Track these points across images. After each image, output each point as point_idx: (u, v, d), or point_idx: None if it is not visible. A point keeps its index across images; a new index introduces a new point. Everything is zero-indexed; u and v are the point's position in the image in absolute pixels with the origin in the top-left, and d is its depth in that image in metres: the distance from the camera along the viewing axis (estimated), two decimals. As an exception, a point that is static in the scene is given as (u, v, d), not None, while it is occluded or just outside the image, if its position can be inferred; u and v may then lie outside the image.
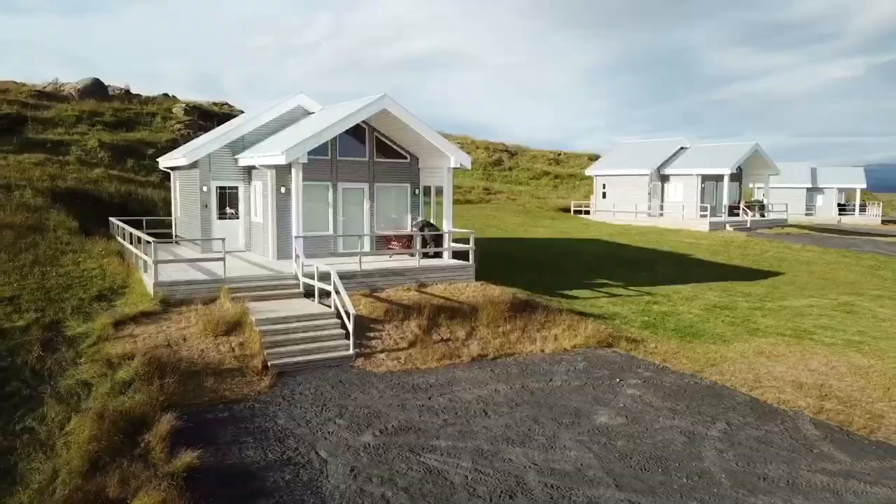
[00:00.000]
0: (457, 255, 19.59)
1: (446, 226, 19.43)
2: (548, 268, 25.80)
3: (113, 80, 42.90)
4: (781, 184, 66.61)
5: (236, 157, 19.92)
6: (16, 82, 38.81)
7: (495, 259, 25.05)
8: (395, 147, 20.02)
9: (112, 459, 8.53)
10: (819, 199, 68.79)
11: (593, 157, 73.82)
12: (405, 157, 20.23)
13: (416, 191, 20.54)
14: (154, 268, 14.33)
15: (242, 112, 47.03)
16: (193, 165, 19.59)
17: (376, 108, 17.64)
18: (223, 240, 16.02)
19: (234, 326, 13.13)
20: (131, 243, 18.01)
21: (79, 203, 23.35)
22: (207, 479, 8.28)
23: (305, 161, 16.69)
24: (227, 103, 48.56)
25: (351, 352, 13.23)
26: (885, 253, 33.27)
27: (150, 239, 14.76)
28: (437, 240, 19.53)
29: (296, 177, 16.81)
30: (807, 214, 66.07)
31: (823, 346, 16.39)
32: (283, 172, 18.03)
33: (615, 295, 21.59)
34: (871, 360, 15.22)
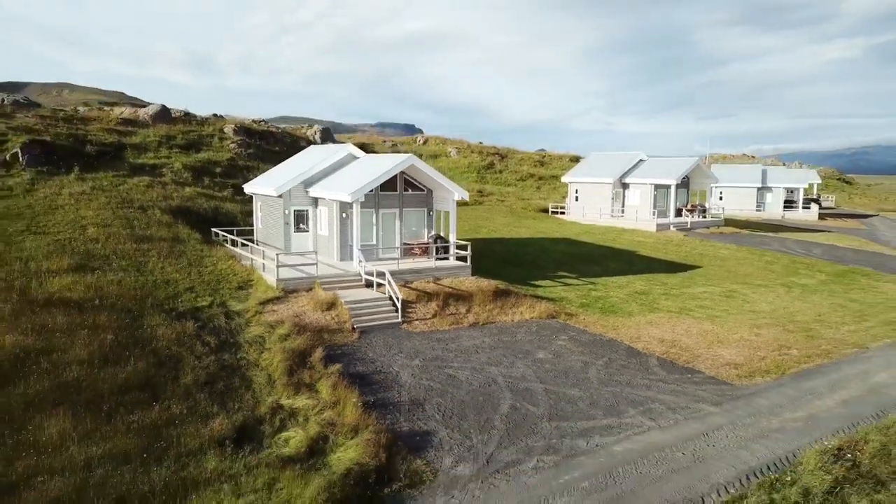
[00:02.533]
0: (459, 257, 28.29)
1: (452, 238, 28.18)
2: (524, 264, 34.59)
3: (175, 105, 51.06)
4: (736, 183, 75.60)
5: (307, 189, 28.48)
6: (102, 109, 47.06)
7: (486, 258, 33.77)
8: (416, 183, 28.61)
9: (297, 369, 17.32)
10: (769, 197, 77.33)
11: (575, 159, 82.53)
12: (423, 190, 28.84)
13: (431, 213, 29.19)
14: (277, 270, 23.10)
15: (278, 129, 55.48)
16: (279, 196, 28.16)
17: (407, 164, 26.36)
18: (315, 252, 24.75)
19: (331, 305, 21.91)
20: (241, 248, 26.68)
21: (187, 217, 31.91)
22: (346, 377, 17.05)
23: (362, 199, 25.35)
24: (263, 120, 56.91)
25: (399, 320, 22.05)
26: (784, 251, 42.27)
27: (275, 254, 23.49)
28: (446, 248, 28.25)
29: (356, 209, 25.49)
30: (757, 210, 74.93)
31: (691, 319, 25.32)
32: (344, 203, 26.67)
33: (568, 284, 30.44)
34: (714, 326, 24.17)
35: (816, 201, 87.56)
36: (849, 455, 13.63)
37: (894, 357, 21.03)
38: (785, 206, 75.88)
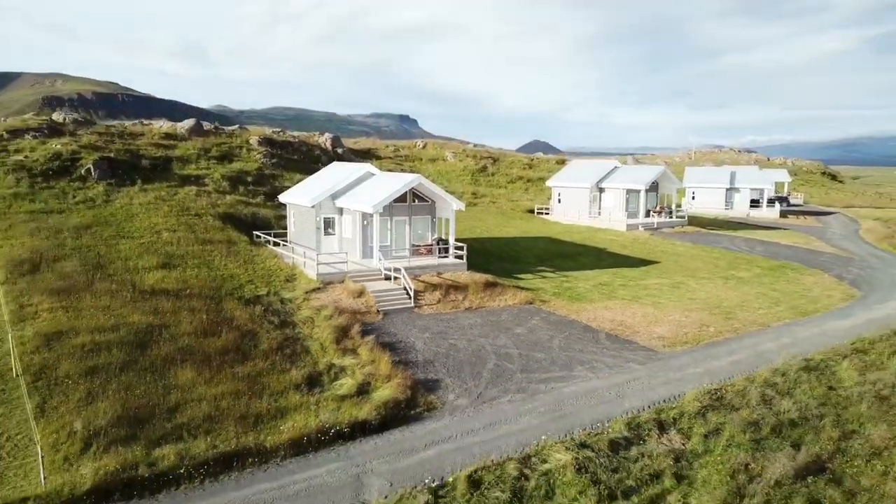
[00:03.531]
0: (457, 256, 34.58)
1: (451, 240, 34.50)
2: (510, 259, 40.93)
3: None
4: (707, 184, 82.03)
5: (334, 201, 34.69)
6: (143, 123, 53.00)
7: (478, 255, 40.07)
8: (422, 195, 34.85)
9: (342, 339, 23.66)
10: (736, 197, 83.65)
11: (561, 162, 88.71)
12: (427, 201, 35.08)
13: (434, 220, 35.48)
14: (317, 266, 29.38)
15: (294, 138, 61.49)
16: (312, 206, 34.36)
17: (416, 182, 32.67)
18: (346, 253, 31.00)
19: (360, 293, 28.24)
20: (282, 248, 32.92)
21: (233, 222, 38.08)
22: (378, 344, 23.36)
23: (380, 210, 31.61)
24: (282, 130, 62.89)
25: (412, 305, 28.40)
26: (732, 248, 48.74)
27: (315, 254, 29.75)
28: (446, 248, 34.56)
29: (376, 218, 31.77)
30: (726, 209, 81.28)
31: (639, 305, 31.72)
32: (366, 213, 32.92)
33: (545, 277, 36.82)
34: (656, 310, 30.59)
35: (783, 199, 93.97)
36: (717, 393, 20.12)
37: (784, 332, 27.55)
38: (751, 205, 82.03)
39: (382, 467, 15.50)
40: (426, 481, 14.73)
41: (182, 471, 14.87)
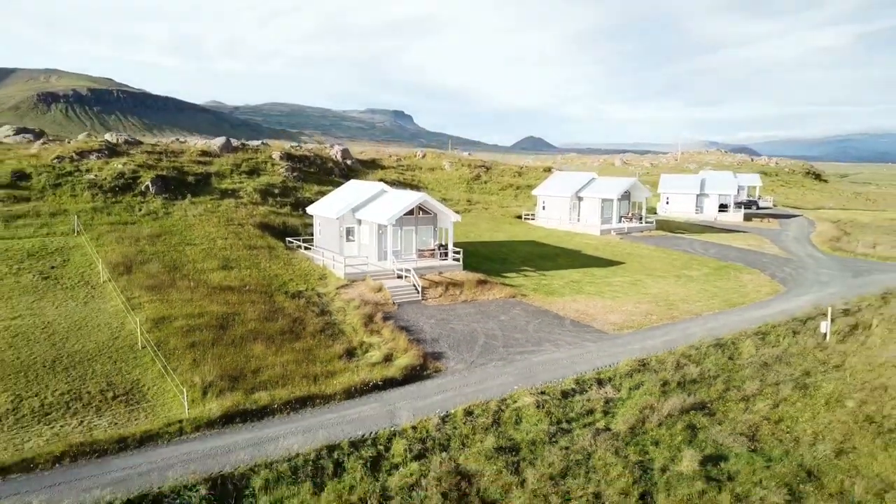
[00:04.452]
0: (454, 258, 41.69)
1: (450, 245, 41.65)
2: (499, 260, 48.07)
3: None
4: (679, 191, 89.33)
5: (354, 213, 41.75)
6: (180, 141, 59.78)
7: (472, 256, 47.17)
8: (426, 209, 41.95)
9: (369, 322, 30.74)
10: (706, 202, 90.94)
11: (548, 170, 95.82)
12: (430, 214, 42.18)
13: (436, 229, 42.60)
14: (345, 267, 36.46)
15: (310, 152, 68.34)
16: (337, 218, 41.40)
17: (421, 199, 39.80)
18: (367, 256, 38.09)
19: (379, 289, 35.33)
20: (313, 252, 39.99)
21: (268, 230, 45.08)
22: (397, 327, 30.48)
23: (393, 222, 38.70)
24: (299, 145, 69.76)
25: (419, 298, 35.52)
26: (688, 251, 56.00)
27: (344, 258, 36.85)
28: (446, 252, 41.69)
29: (390, 227, 38.87)
30: (696, 213, 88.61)
31: (601, 298, 38.92)
32: (381, 224, 39.99)
33: (527, 275, 43.98)
34: (613, 302, 37.79)
35: (753, 203, 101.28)
36: (644, 361, 27.35)
37: (711, 319, 34.78)
38: (719, 209, 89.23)
39: (407, 405, 22.65)
40: (436, 412, 21.90)
41: (274, 406, 22.00)
